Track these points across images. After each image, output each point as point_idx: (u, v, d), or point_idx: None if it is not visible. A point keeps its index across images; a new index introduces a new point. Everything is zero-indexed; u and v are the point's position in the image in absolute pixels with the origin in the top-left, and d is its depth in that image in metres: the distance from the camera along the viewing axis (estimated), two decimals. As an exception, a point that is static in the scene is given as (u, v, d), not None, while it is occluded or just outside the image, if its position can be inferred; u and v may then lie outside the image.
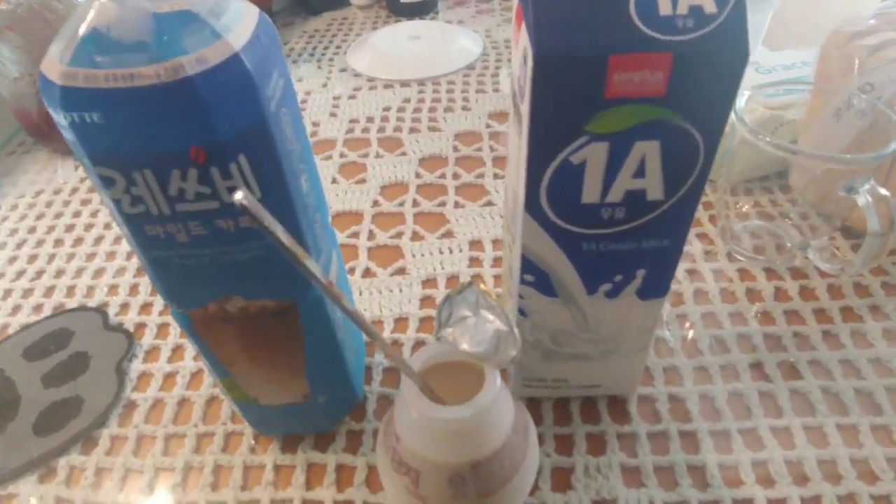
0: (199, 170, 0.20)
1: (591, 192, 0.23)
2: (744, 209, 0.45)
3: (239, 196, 0.15)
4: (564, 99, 0.20)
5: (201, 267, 0.23)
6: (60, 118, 0.19)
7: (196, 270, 0.23)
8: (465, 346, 0.23)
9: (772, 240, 0.43)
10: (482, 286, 0.22)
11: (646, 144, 0.21)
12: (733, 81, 0.20)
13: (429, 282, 0.42)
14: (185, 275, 0.23)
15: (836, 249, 0.42)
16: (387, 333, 0.38)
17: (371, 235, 0.46)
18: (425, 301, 0.41)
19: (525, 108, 0.21)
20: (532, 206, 0.24)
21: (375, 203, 0.49)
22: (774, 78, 0.49)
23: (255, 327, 0.26)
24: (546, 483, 0.30)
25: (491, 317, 0.22)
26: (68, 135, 0.19)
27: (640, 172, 0.22)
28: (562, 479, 0.30)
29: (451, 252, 0.44)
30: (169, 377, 0.37)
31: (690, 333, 0.37)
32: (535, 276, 0.27)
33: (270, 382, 0.28)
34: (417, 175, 0.52)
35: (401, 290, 0.41)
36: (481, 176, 0.51)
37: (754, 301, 0.39)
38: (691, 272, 0.41)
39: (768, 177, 0.47)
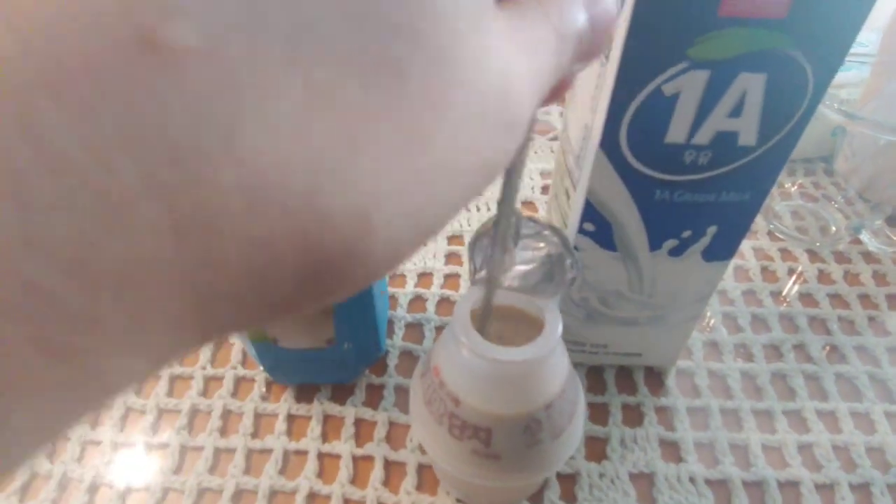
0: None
1: (677, 131, 0.21)
2: (787, 188, 0.43)
3: None
4: (670, 15, 0.18)
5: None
6: None
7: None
8: (511, 284, 0.21)
9: (815, 221, 0.41)
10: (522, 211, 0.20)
11: (750, 77, 0.19)
12: (862, 11, 0.18)
13: (454, 238, 0.40)
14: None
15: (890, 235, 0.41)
16: (409, 288, 0.36)
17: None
18: (451, 257, 0.38)
19: (621, 25, 0.19)
20: (608, 142, 0.21)
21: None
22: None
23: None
24: (580, 451, 0.28)
25: (538, 244, 0.20)
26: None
27: (736, 111, 0.20)
28: (596, 449, 0.29)
29: (477, 210, 0.42)
30: (175, 316, 0.34)
31: (732, 308, 0.35)
32: (597, 225, 0.24)
33: (295, 323, 0.26)
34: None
35: (424, 245, 0.39)
36: (511, 135, 0.49)
37: (797, 282, 0.37)
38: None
39: (811, 160, 0.45)
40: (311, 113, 0.07)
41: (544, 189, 0.44)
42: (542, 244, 0.20)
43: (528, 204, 0.43)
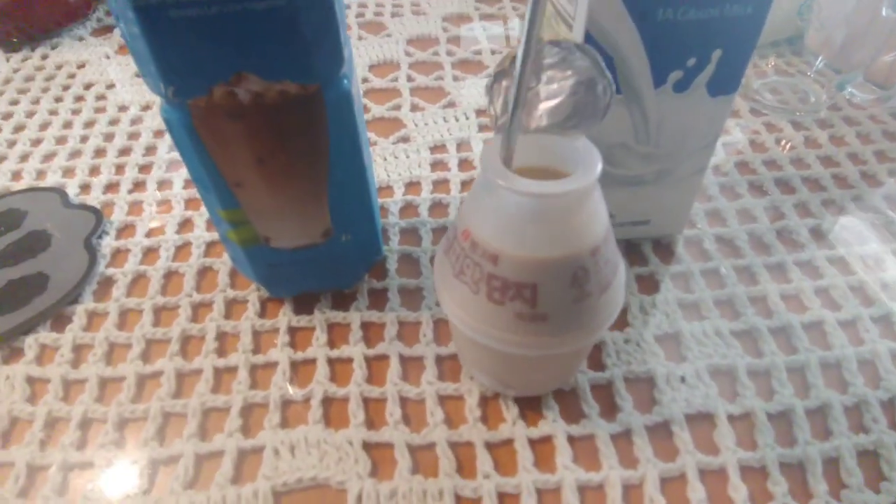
0: None
1: (678, -70, 0.19)
2: (762, 67, 0.43)
3: None
4: None
5: (208, 25, 0.18)
6: None
7: (203, 31, 0.18)
8: (539, 125, 0.19)
9: (793, 94, 0.41)
10: (545, 36, 0.18)
11: None
12: None
13: (438, 147, 0.38)
14: (189, 39, 0.18)
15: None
16: (398, 196, 0.34)
17: (365, 108, 0.41)
18: (437, 165, 0.37)
19: None
20: (607, -46, 0.20)
21: (365, 80, 0.44)
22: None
23: (271, 125, 0.21)
24: (601, 321, 0.27)
25: (564, 72, 0.18)
26: None
27: None
28: (617, 318, 0.27)
29: (456, 120, 0.40)
30: (151, 252, 0.32)
31: (727, 179, 0.35)
32: (599, 63, 0.23)
33: (287, 211, 0.24)
34: (407, 53, 0.47)
35: (408, 156, 0.37)
36: (479, 53, 0.47)
37: (785, 149, 0.37)
38: (717, 127, 0.39)
39: (779, 42, 0.45)
40: None
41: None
42: (568, 72, 0.19)
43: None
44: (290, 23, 0.19)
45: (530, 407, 0.24)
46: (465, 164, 0.37)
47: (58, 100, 0.44)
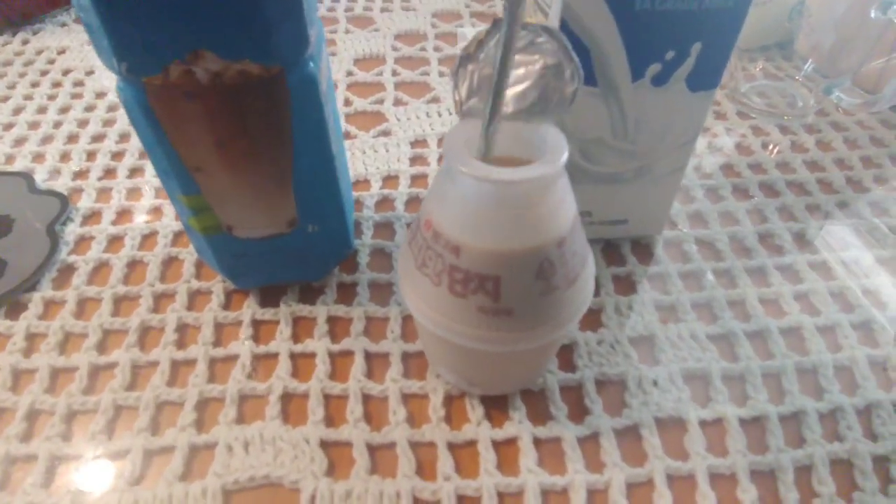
0: None
1: (655, -85, 0.19)
2: (751, 71, 0.42)
3: None
4: None
5: (161, -3, 0.17)
6: None
7: (157, 4, 0.17)
8: (504, 110, 0.18)
9: (781, 98, 0.40)
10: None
11: None
12: None
13: (419, 142, 0.37)
14: (143, 13, 0.17)
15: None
16: (375, 190, 0.33)
17: (347, 102, 0.41)
18: (416, 160, 0.36)
19: None
20: (581, -61, 0.19)
21: (349, 73, 0.44)
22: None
23: (231, 107, 0.20)
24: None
25: (532, 56, 0.18)
26: None
27: None
28: (590, 320, 0.27)
29: (439, 115, 0.39)
30: (115, 240, 0.31)
31: (711, 182, 0.34)
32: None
33: (250, 198, 0.23)
34: (394, 48, 0.46)
35: (387, 150, 0.36)
36: (466, 48, 0.46)
37: (772, 153, 0.36)
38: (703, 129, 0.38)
39: (769, 47, 0.44)
40: None
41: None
42: (535, 56, 0.18)
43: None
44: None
45: (496, 407, 0.23)
46: (444, 160, 0.36)
47: (34, 85, 0.43)
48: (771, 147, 0.37)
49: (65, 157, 0.36)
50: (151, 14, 0.18)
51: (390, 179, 0.34)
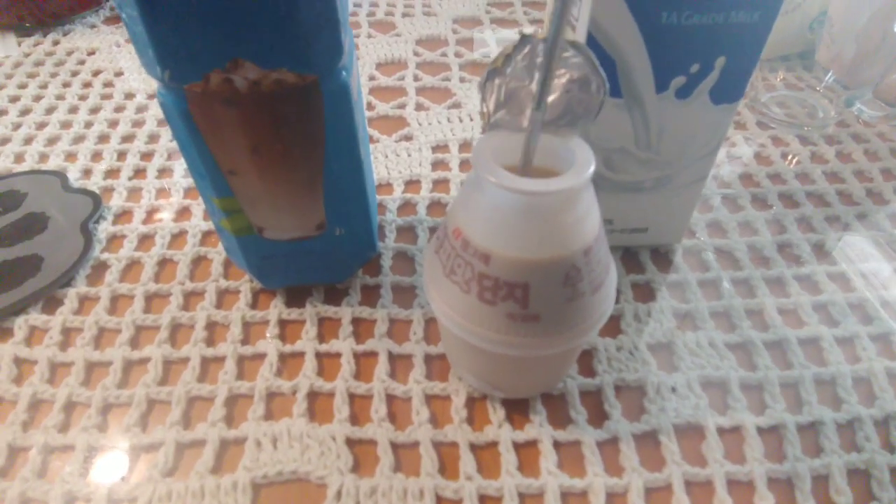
0: None
1: (684, -67, 0.19)
2: (771, 81, 0.42)
3: None
4: None
5: (206, 9, 0.18)
6: None
7: (200, 16, 0.18)
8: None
9: (802, 109, 0.40)
10: (539, 33, 0.18)
11: None
12: None
13: (440, 147, 0.38)
14: (186, 23, 0.18)
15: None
16: (398, 194, 0.34)
17: (370, 106, 0.41)
18: (438, 165, 0.36)
19: None
20: (611, -45, 0.20)
21: (371, 77, 0.44)
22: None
23: (267, 114, 0.21)
24: (594, 327, 0.27)
25: (559, 70, 0.18)
26: None
27: None
28: (610, 326, 0.27)
29: (460, 121, 0.40)
30: (146, 238, 0.32)
31: (730, 191, 0.34)
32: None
33: (281, 202, 0.24)
34: (416, 53, 0.47)
35: (409, 155, 0.37)
36: (488, 56, 0.47)
37: (791, 164, 0.36)
38: (722, 138, 0.38)
39: (789, 56, 0.44)
40: None
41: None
42: (562, 69, 0.18)
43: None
44: (289, 11, 0.19)
45: (517, 410, 0.24)
46: (466, 165, 0.36)
47: (66, 85, 0.44)
48: (790, 157, 0.37)
49: (96, 156, 0.37)
50: (194, 25, 0.18)
51: (412, 184, 0.35)
